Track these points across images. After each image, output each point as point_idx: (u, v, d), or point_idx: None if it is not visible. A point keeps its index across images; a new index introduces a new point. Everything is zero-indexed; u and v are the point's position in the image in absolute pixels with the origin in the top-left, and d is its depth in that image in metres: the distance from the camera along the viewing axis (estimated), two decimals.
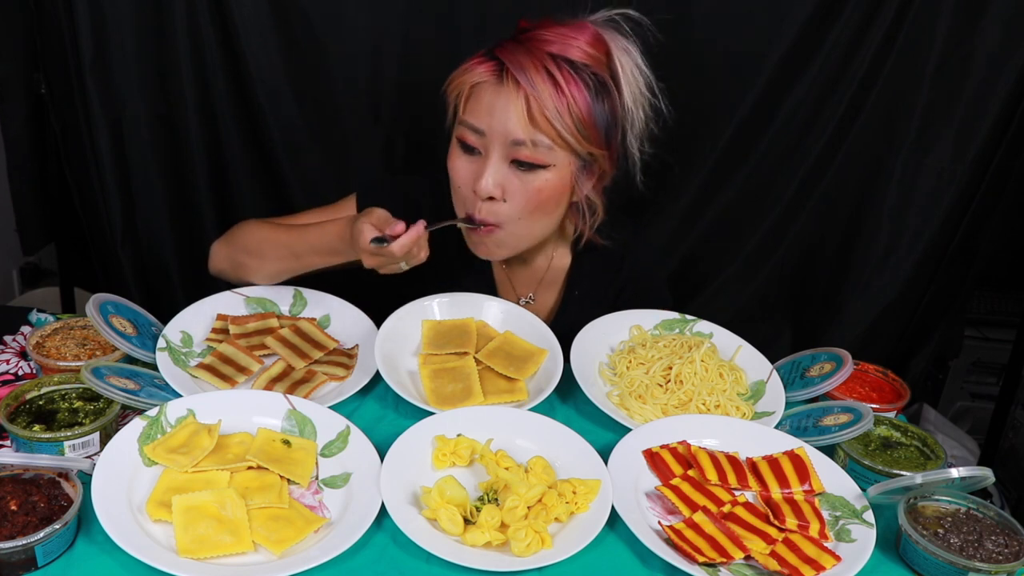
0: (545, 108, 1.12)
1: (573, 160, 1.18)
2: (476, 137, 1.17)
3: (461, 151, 1.20)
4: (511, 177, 1.17)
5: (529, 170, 1.17)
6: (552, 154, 1.16)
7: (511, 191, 1.18)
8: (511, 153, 1.15)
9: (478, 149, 1.18)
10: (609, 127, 1.18)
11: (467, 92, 1.17)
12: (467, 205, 1.22)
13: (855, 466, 1.16)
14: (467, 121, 1.17)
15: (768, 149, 1.72)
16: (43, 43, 1.69)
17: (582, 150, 1.17)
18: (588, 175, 1.22)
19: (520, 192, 1.18)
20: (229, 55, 1.66)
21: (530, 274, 1.43)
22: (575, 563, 0.97)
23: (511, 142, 1.15)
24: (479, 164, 1.18)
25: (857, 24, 1.61)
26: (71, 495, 0.96)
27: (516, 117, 1.13)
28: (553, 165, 1.17)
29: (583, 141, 1.16)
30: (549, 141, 1.14)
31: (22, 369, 1.27)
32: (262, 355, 1.29)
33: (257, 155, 1.76)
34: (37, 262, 2.45)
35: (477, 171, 1.18)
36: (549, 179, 1.17)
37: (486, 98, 1.15)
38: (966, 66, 1.61)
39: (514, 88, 1.13)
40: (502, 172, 1.17)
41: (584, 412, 1.27)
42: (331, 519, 1.01)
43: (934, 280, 1.79)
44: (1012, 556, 0.98)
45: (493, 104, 1.14)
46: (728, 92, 1.68)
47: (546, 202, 1.20)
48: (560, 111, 1.13)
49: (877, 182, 1.73)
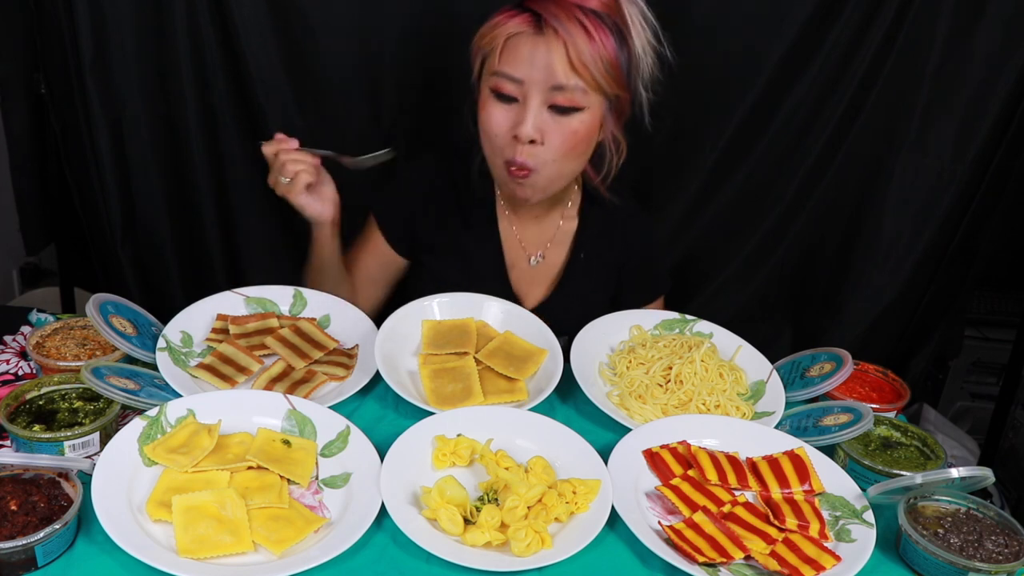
0: (581, 54, 1.20)
1: (602, 102, 1.27)
2: (514, 86, 1.23)
3: (496, 100, 1.26)
4: (549, 121, 1.24)
5: (566, 113, 1.24)
6: (586, 97, 1.23)
7: (549, 134, 1.25)
8: (549, 98, 1.22)
9: (515, 97, 1.24)
10: (630, 70, 1.27)
11: (502, 44, 1.23)
12: (504, 151, 1.28)
13: (855, 466, 1.16)
14: (504, 71, 1.23)
15: (768, 149, 1.72)
16: (43, 43, 1.69)
17: (611, 92, 1.26)
18: (613, 116, 1.31)
19: (558, 134, 1.25)
20: (229, 55, 1.66)
21: (540, 233, 1.47)
22: (575, 563, 0.97)
23: (551, 88, 1.21)
24: (516, 111, 1.24)
25: (857, 24, 1.60)
26: (71, 495, 0.96)
27: (557, 64, 1.20)
28: (587, 108, 1.25)
29: (612, 84, 1.25)
30: (584, 85, 1.22)
31: (22, 369, 1.27)
32: (262, 355, 1.29)
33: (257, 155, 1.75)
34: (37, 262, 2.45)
35: (515, 118, 1.24)
36: (584, 120, 1.25)
37: (524, 48, 1.21)
38: (966, 66, 1.61)
39: (553, 37, 1.20)
40: (541, 117, 1.24)
41: (584, 412, 1.27)
42: (331, 519, 1.01)
43: (934, 280, 1.79)
44: (1012, 556, 0.99)
45: (533, 53, 1.21)
46: (728, 92, 1.68)
47: (580, 143, 1.28)
48: (594, 57, 1.20)
49: (877, 182, 1.73)
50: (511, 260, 1.47)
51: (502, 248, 1.46)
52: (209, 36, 1.64)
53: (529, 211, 1.45)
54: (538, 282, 1.49)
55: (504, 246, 1.46)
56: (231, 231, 1.83)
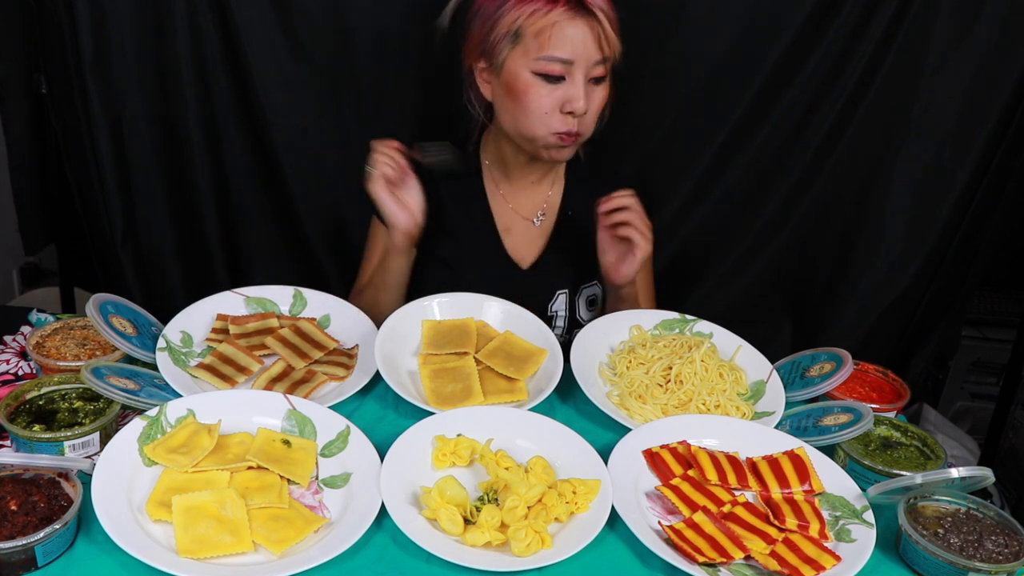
0: (604, 31, 1.34)
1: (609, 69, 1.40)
2: (562, 66, 1.34)
3: (544, 82, 1.36)
4: (590, 93, 1.37)
5: (599, 83, 1.38)
6: (607, 66, 1.38)
7: (591, 103, 1.38)
8: (590, 73, 1.36)
9: (563, 76, 1.35)
10: None
11: (549, 31, 1.33)
12: (553, 125, 1.38)
13: (855, 466, 1.16)
14: (555, 55, 1.34)
15: (765, 146, 1.72)
16: (43, 43, 1.69)
17: (617, 60, 1.40)
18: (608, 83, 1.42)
19: (596, 102, 1.39)
20: (229, 55, 1.66)
21: (533, 197, 1.55)
22: (575, 563, 0.97)
23: (594, 63, 1.35)
24: (564, 88, 1.35)
25: (856, 22, 1.60)
26: (71, 495, 0.96)
27: (600, 41, 1.34)
28: (606, 75, 1.39)
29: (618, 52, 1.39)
30: (610, 56, 1.37)
31: (22, 369, 1.27)
32: (262, 355, 1.29)
33: (257, 155, 1.76)
34: (37, 262, 2.46)
35: (564, 95, 1.35)
36: (606, 87, 1.40)
37: (569, 31, 1.33)
38: (965, 65, 1.61)
39: (593, 17, 1.33)
40: (586, 90, 1.36)
41: (584, 412, 1.27)
42: (331, 519, 1.01)
43: (934, 280, 1.79)
44: (1012, 556, 0.98)
45: (574, 35, 1.33)
46: (726, 88, 1.68)
47: (602, 106, 1.42)
48: (612, 32, 1.35)
49: (877, 182, 1.73)
50: (504, 225, 1.53)
51: (493, 215, 1.52)
52: (210, 36, 1.64)
53: (525, 177, 1.53)
54: (534, 243, 1.54)
55: (495, 213, 1.53)
56: (231, 231, 1.83)
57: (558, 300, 1.52)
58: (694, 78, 1.67)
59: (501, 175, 1.53)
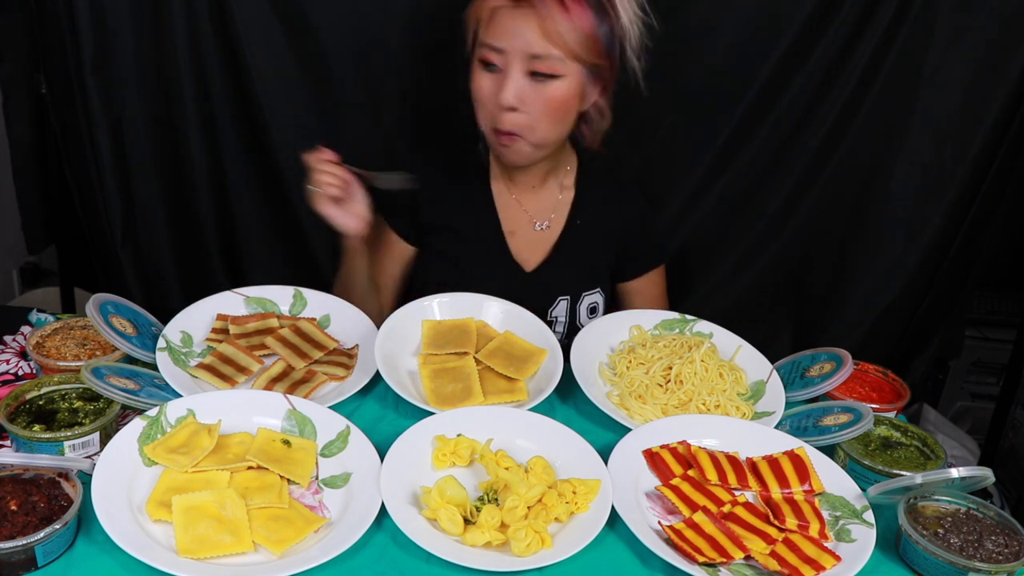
0: (557, 25, 1.28)
1: (581, 70, 1.34)
2: (496, 55, 1.32)
3: (483, 70, 1.35)
4: (528, 89, 1.32)
5: (544, 80, 1.32)
6: (564, 66, 1.31)
7: (529, 101, 1.33)
8: (529, 66, 1.31)
9: (498, 66, 1.32)
10: (610, 42, 1.34)
11: (487, 16, 1.32)
12: (492, 119, 1.36)
13: (855, 466, 1.16)
14: (488, 42, 1.32)
15: (766, 149, 1.72)
16: (44, 43, 1.69)
17: (588, 61, 1.33)
18: (594, 84, 1.38)
19: (537, 101, 1.33)
20: (229, 55, 1.66)
21: (539, 202, 1.54)
22: (575, 563, 0.97)
23: (530, 56, 1.30)
24: (500, 79, 1.33)
25: (856, 22, 1.60)
26: (71, 495, 0.96)
27: (533, 34, 1.29)
28: (565, 75, 1.32)
29: (588, 53, 1.32)
30: (560, 54, 1.30)
31: (22, 369, 1.27)
32: (262, 355, 1.29)
33: (257, 155, 1.76)
34: (37, 262, 2.46)
35: (498, 86, 1.32)
36: (560, 87, 1.33)
37: (506, 20, 1.30)
38: (966, 65, 1.61)
39: (530, 9, 1.29)
40: (521, 84, 1.32)
41: (584, 412, 1.27)
42: (331, 519, 1.01)
43: (934, 280, 1.79)
44: (1012, 556, 0.98)
45: (512, 25, 1.30)
46: (726, 88, 1.68)
47: (559, 108, 1.35)
48: (568, 28, 1.29)
49: (877, 182, 1.72)
50: (509, 227, 1.52)
51: (498, 217, 1.52)
52: (209, 36, 1.64)
53: (526, 181, 1.51)
54: (538, 248, 1.54)
55: (501, 215, 1.52)
56: (231, 231, 1.82)
57: (559, 306, 1.52)
58: (694, 78, 1.67)
59: (504, 177, 1.53)
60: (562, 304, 1.52)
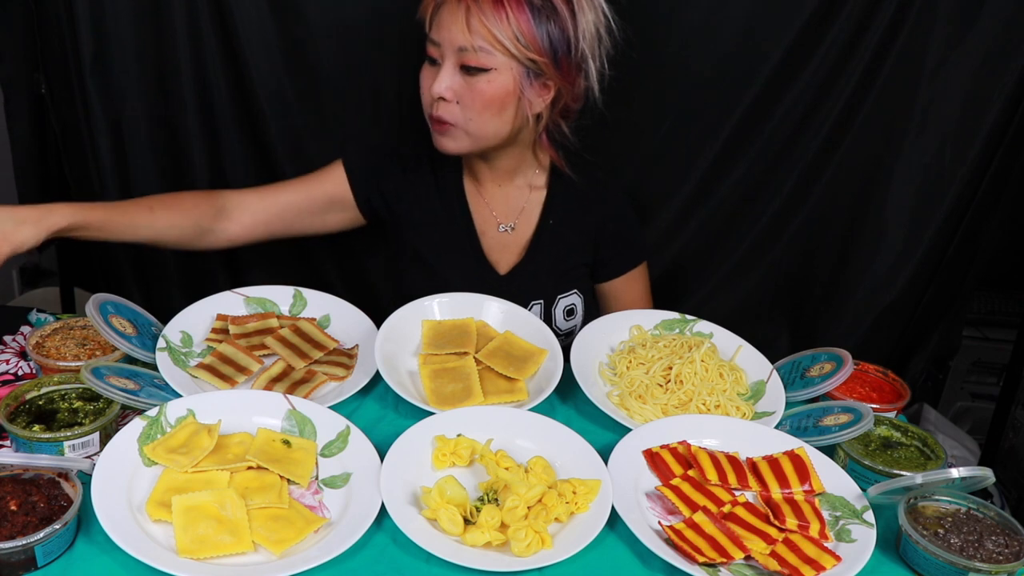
0: (484, 19, 1.30)
1: (515, 66, 1.34)
2: (435, 48, 1.36)
3: (428, 63, 1.39)
4: (460, 81, 1.35)
5: (474, 74, 1.33)
6: (492, 58, 1.32)
7: (460, 93, 1.35)
8: (459, 59, 1.33)
9: (437, 59, 1.36)
10: (556, 43, 1.34)
11: (430, 12, 1.36)
12: (429, 108, 1.40)
13: (855, 466, 1.16)
14: (429, 36, 1.36)
15: (766, 149, 1.72)
16: (44, 43, 1.69)
17: (521, 56, 1.33)
18: (536, 85, 1.37)
19: (468, 93, 1.35)
20: (229, 55, 1.66)
21: (507, 202, 1.54)
22: (575, 563, 0.97)
23: (458, 49, 1.32)
24: (436, 71, 1.36)
25: (856, 23, 1.60)
26: (71, 495, 0.96)
27: (459, 27, 1.31)
28: (495, 69, 1.33)
29: (521, 48, 1.32)
30: (488, 46, 1.31)
31: (22, 369, 1.27)
32: (262, 355, 1.29)
33: (257, 155, 1.76)
34: (37, 262, 2.45)
35: (434, 78, 1.36)
36: (491, 80, 1.34)
37: (443, 15, 1.34)
38: (966, 66, 1.61)
39: (462, 4, 1.31)
40: (452, 77, 1.35)
41: (584, 412, 1.27)
42: (331, 519, 1.01)
43: (934, 280, 1.79)
44: (1012, 556, 0.98)
45: (447, 19, 1.33)
46: (726, 90, 1.68)
47: (491, 102, 1.35)
48: (498, 20, 1.30)
49: (876, 182, 1.72)
50: (481, 228, 1.53)
51: (471, 216, 1.52)
52: (209, 36, 1.64)
53: (493, 180, 1.52)
54: (510, 250, 1.54)
55: (473, 214, 1.52)
56: None
57: (533, 309, 1.50)
58: (694, 79, 1.67)
59: (470, 175, 1.53)
60: (536, 308, 1.51)
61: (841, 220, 1.78)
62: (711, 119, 1.71)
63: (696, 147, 1.74)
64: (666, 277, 1.81)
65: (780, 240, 1.80)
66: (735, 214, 1.79)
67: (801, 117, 1.69)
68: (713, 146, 1.73)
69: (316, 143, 1.76)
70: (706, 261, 1.84)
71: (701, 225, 1.81)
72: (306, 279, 1.53)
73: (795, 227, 1.78)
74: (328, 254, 1.86)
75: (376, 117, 1.74)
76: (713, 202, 1.78)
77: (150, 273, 1.85)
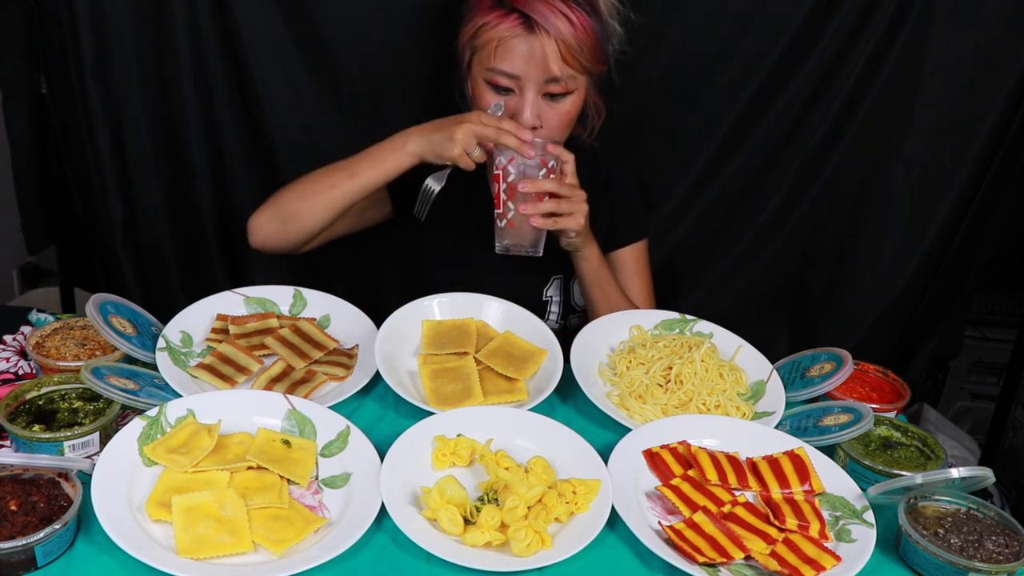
0: (571, 47, 1.33)
1: (588, 80, 1.41)
2: (509, 80, 1.35)
3: (493, 91, 1.38)
4: (544, 107, 1.38)
5: (559, 99, 1.38)
6: (575, 81, 1.37)
7: (546, 118, 1.38)
8: (544, 88, 1.36)
9: (511, 89, 1.37)
10: (605, 44, 1.40)
11: (494, 44, 1.34)
12: None
13: (855, 466, 1.16)
14: (500, 68, 1.35)
15: (765, 148, 1.72)
16: (44, 43, 1.69)
17: (595, 71, 1.40)
18: (593, 85, 1.44)
19: (554, 117, 1.39)
20: (230, 55, 1.66)
21: None
22: (575, 563, 0.97)
23: (546, 80, 1.34)
24: (514, 100, 1.37)
25: (856, 22, 1.60)
26: (71, 495, 0.96)
27: (552, 60, 1.33)
28: (576, 90, 1.39)
29: (596, 64, 1.39)
30: (575, 73, 1.35)
31: (22, 369, 1.27)
32: (262, 355, 1.29)
33: (257, 156, 1.76)
34: (37, 262, 2.45)
35: (513, 107, 1.37)
36: (574, 100, 1.40)
37: (519, 47, 1.33)
38: (965, 66, 1.61)
39: (545, 36, 1.32)
40: (538, 105, 1.37)
41: (584, 412, 1.27)
42: (331, 519, 1.01)
43: (934, 280, 1.79)
44: (1012, 556, 0.98)
45: (528, 52, 1.33)
46: (725, 89, 1.68)
47: (573, 119, 1.43)
48: (581, 46, 1.34)
49: (876, 181, 1.72)
50: None
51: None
52: (210, 36, 1.64)
53: None
54: None
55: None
56: (231, 231, 1.82)
57: (553, 284, 1.54)
58: (692, 77, 1.67)
59: None
60: (556, 283, 1.55)
61: (840, 219, 1.78)
62: (709, 118, 1.71)
63: (695, 144, 1.74)
64: (666, 275, 1.81)
65: (780, 239, 1.80)
66: (734, 212, 1.79)
67: (801, 115, 1.69)
68: (712, 143, 1.73)
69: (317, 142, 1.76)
70: (705, 259, 1.84)
71: (700, 223, 1.81)
72: (306, 279, 1.53)
73: (794, 226, 1.78)
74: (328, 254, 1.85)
75: (378, 116, 1.74)
76: (712, 200, 1.78)
77: (150, 273, 1.85)
